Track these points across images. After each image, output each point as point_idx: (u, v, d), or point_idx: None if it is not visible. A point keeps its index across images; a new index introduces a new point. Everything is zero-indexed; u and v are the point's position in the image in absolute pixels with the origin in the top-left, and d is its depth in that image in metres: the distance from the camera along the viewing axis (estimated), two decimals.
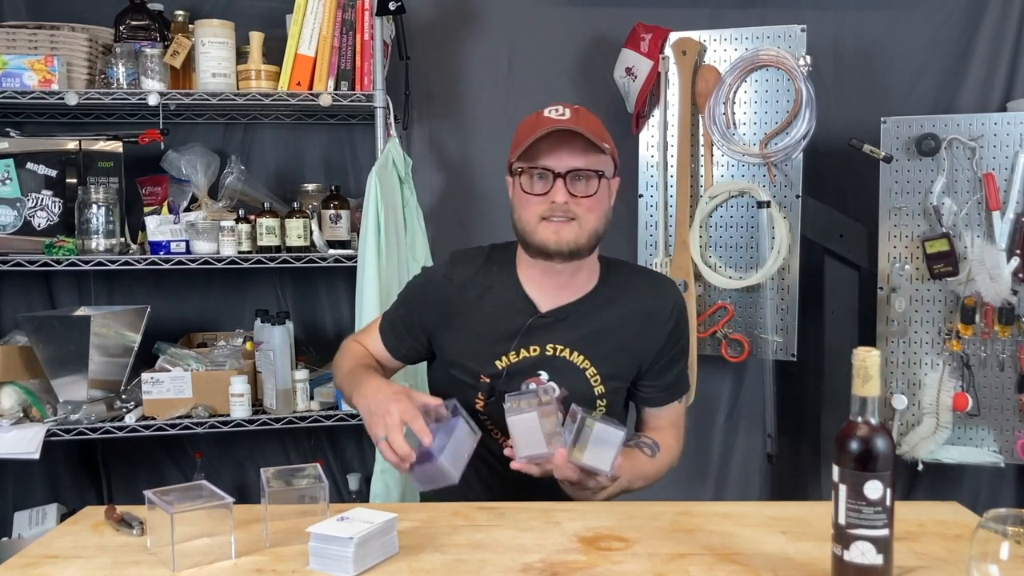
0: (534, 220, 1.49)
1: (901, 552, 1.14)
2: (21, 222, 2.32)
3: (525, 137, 1.49)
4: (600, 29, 2.66)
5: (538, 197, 1.48)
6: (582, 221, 1.48)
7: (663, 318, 1.59)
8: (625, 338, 1.58)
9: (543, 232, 1.48)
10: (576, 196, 1.47)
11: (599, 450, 1.34)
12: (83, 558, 1.21)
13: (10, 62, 2.25)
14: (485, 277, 1.60)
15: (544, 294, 1.57)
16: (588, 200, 1.48)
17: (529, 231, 1.50)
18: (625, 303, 1.59)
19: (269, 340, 2.32)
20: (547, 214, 1.47)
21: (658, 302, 1.60)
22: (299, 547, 1.20)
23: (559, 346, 1.55)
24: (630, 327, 1.58)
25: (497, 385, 1.54)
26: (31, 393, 2.30)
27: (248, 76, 2.35)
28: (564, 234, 1.47)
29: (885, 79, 2.67)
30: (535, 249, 1.50)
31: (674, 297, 1.62)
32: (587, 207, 1.48)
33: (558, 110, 1.50)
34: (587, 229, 1.49)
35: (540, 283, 1.57)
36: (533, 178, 1.49)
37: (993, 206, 2.21)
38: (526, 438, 1.34)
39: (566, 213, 1.47)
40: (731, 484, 2.79)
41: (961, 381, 2.27)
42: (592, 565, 1.17)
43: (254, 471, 2.16)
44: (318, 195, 2.56)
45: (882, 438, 1.02)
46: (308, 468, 1.35)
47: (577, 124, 1.47)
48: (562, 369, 1.55)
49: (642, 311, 1.59)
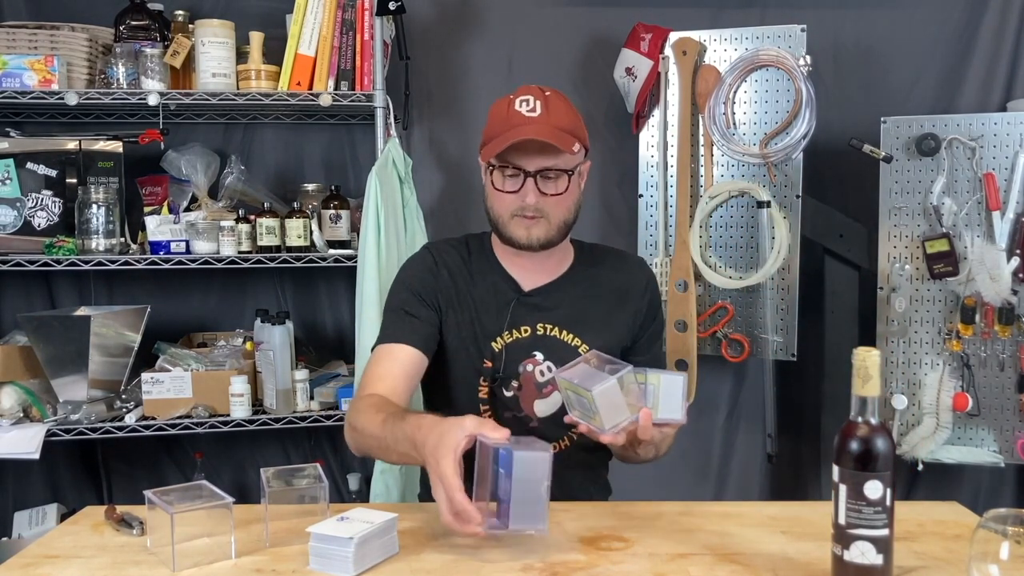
0: (506, 215, 1.52)
1: (901, 552, 1.14)
2: (21, 222, 2.32)
3: (496, 130, 1.50)
4: (600, 29, 2.66)
5: (509, 195, 1.50)
6: (551, 217, 1.51)
7: (638, 292, 1.63)
8: (607, 314, 1.60)
9: (515, 228, 1.52)
10: (546, 195, 1.49)
11: (668, 401, 1.30)
12: (83, 558, 1.21)
13: (10, 62, 2.25)
14: (468, 262, 1.61)
15: (524, 275, 1.59)
16: (557, 198, 1.51)
17: (501, 224, 1.53)
18: (601, 281, 1.62)
19: (269, 340, 2.32)
20: (518, 212, 1.50)
21: (632, 278, 1.65)
22: (299, 547, 1.20)
23: (548, 325, 1.57)
24: (609, 303, 1.61)
25: (499, 368, 1.54)
26: (31, 393, 2.30)
27: (248, 76, 2.35)
28: (535, 231, 1.51)
29: (885, 79, 2.67)
30: (507, 241, 1.54)
31: (646, 273, 1.68)
32: (555, 203, 1.51)
33: (528, 103, 1.49)
34: (556, 223, 1.52)
35: (518, 264, 1.60)
36: (504, 175, 1.50)
37: (993, 206, 2.21)
38: (610, 408, 1.25)
39: (537, 212, 1.50)
40: (731, 484, 2.78)
41: (961, 381, 2.27)
42: (592, 565, 1.17)
43: (254, 471, 2.16)
44: (318, 195, 2.56)
45: (882, 438, 1.02)
46: (308, 468, 1.35)
47: (548, 120, 1.48)
48: (555, 348, 1.56)
49: (618, 287, 1.62)
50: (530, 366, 1.55)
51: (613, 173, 2.69)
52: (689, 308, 2.39)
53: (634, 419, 1.26)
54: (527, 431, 1.54)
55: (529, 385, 1.55)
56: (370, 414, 1.38)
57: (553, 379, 1.51)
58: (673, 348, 2.41)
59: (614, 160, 2.68)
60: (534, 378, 1.55)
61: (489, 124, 1.54)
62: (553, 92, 1.53)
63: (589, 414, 1.26)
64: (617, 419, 1.25)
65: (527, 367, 1.55)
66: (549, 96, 1.52)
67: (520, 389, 1.55)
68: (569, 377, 1.29)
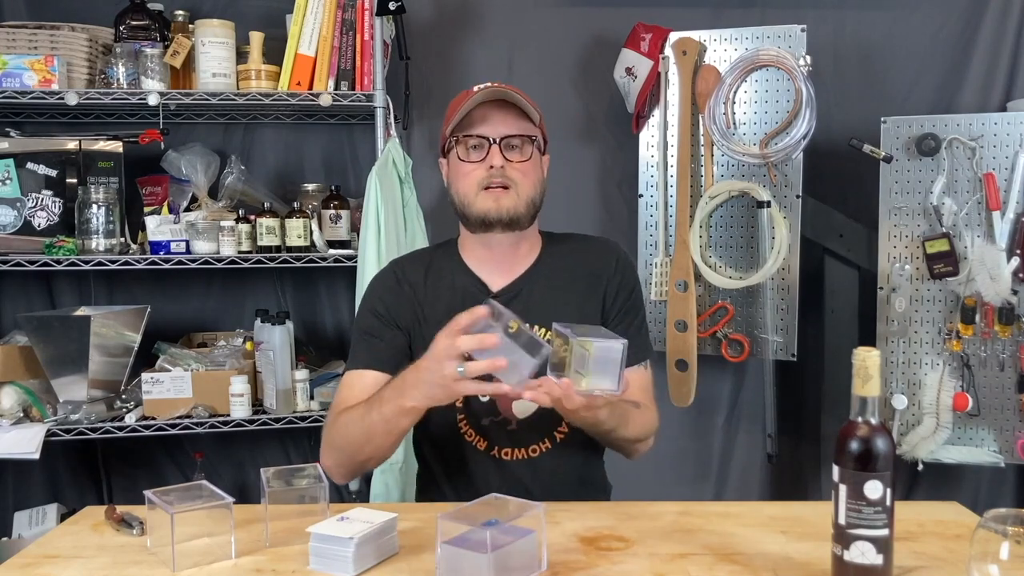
0: (473, 190, 1.51)
1: (901, 552, 1.14)
2: (21, 222, 2.32)
3: (454, 110, 1.52)
4: (600, 29, 2.66)
5: (474, 164, 1.51)
6: (519, 188, 1.51)
7: (609, 274, 1.61)
8: (577, 302, 1.58)
9: (482, 202, 1.51)
10: (511, 162, 1.50)
11: (601, 369, 1.25)
12: (83, 558, 1.21)
13: (10, 62, 2.25)
14: (435, 270, 1.61)
15: (492, 272, 1.58)
16: (523, 165, 1.51)
17: (468, 202, 1.52)
18: (570, 268, 1.61)
19: (269, 340, 2.32)
20: (485, 182, 1.50)
21: (601, 260, 1.63)
22: (299, 547, 1.20)
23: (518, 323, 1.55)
24: (579, 290, 1.59)
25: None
26: (31, 393, 2.30)
27: (248, 76, 2.36)
28: (503, 202, 1.50)
29: (885, 79, 2.67)
30: (475, 220, 1.52)
31: (616, 253, 1.65)
32: (522, 172, 1.51)
33: (486, 86, 1.52)
34: (524, 197, 1.52)
35: (486, 261, 1.58)
36: (468, 147, 1.51)
37: (993, 206, 2.21)
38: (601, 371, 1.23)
39: (503, 179, 1.49)
40: (731, 484, 2.78)
41: (961, 381, 2.27)
42: (592, 565, 1.17)
43: (254, 471, 2.16)
44: (318, 195, 2.56)
45: (882, 438, 1.02)
46: (308, 468, 1.35)
47: (508, 87, 1.51)
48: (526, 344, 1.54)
49: (588, 272, 1.60)
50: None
51: (613, 173, 2.69)
52: (689, 308, 2.39)
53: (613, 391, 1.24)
54: (507, 435, 1.54)
55: None
56: (346, 416, 1.45)
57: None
58: (673, 348, 2.41)
59: (614, 160, 2.68)
60: None
61: (449, 111, 1.56)
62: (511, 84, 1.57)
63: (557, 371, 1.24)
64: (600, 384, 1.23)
65: None
66: (507, 84, 1.55)
67: None
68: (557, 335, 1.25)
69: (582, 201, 2.70)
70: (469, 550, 1.07)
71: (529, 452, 1.54)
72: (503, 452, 1.54)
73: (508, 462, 1.54)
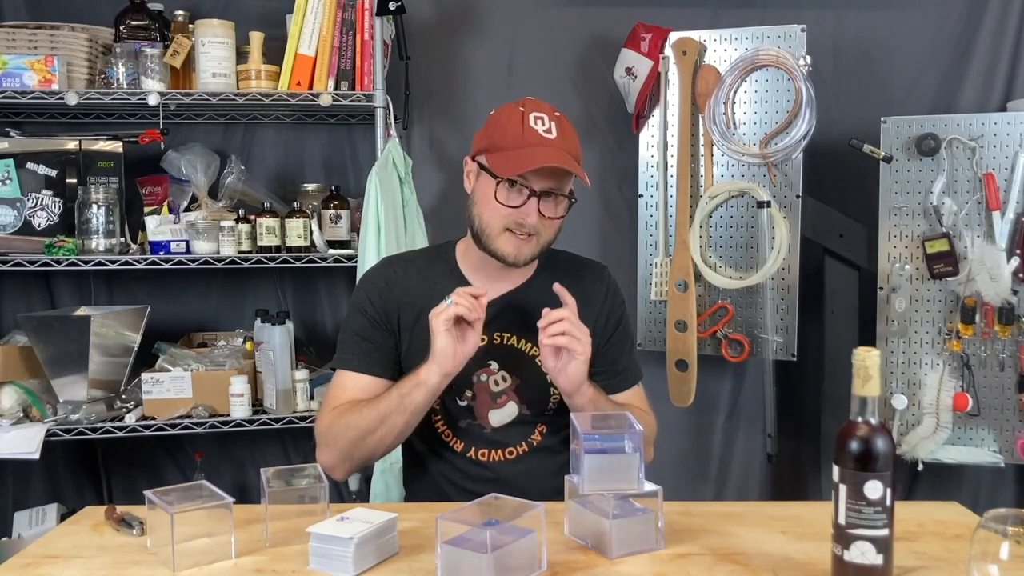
0: (498, 226, 1.50)
1: (901, 552, 1.14)
2: (21, 222, 2.32)
3: (509, 143, 1.48)
4: (600, 29, 2.66)
5: (507, 208, 1.48)
6: (540, 237, 1.52)
7: (599, 299, 1.63)
8: None
9: (504, 244, 1.50)
10: (544, 216, 1.49)
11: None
12: (83, 558, 1.21)
13: (10, 62, 2.25)
14: (428, 274, 1.61)
15: (486, 283, 1.57)
16: (552, 220, 1.51)
17: (488, 234, 1.51)
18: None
19: (269, 340, 2.32)
20: (512, 227, 1.49)
21: (592, 285, 1.65)
22: (299, 547, 1.20)
23: (505, 334, 1.56)
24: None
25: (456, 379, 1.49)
26: (31, 393, 2.30)
27: (248, 76, 2.35)
28: (524, 250, 1.51)
29: (885, 79, 2.67)
30: (489, 252, 1.52)
31: (607, 280, 1.68)
32: (549, 224, 1.52)
33: (543, 122, 1.48)
34: (542, 243, 1.53)
35: (481, 271, 1.59)
36: (509, 190, 1.48)
37: (993, 206, 2.21)
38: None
39: (531, 229, 1.49)
40: (731, 484, 2.78)
41: (961, 381, 2.27)
42: (592, 565, 1.17)
43: (254, 471, 2.16)
44: (318, 195, 2.56)
45: (882, 438, 1.02)
46: (308, 468, 1.35)
47: (563, 145, 1.48)
48: (511, 357, 1.56)
49: (579, 295, 1.58)
50: (484, 375, 1.55)
51: (613, 173, 2.69)
52: (689, 308, 2.39)
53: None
54: (483, 439, 1.56)
55: (483, 395, 1.55)
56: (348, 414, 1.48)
57: (504, 392, 1.53)
58: (673, 348, 2.41)
59: (614, 160, 2.68)
60: (488, 387, 1.55)
61: (499, 134, 1.51)
62: (561, 114, 1.53)
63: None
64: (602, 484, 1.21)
65: (481, 376, 1.54)
66: (559, 118, 1.51)
67: (474, 399, 1.55)
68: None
69: (582, 201, 2.65)
70: (469, 550, 1.08)
71: (506, 454, 1.57)
72: (479, 453, 1.56)
73: (485, 463, 1.56)
